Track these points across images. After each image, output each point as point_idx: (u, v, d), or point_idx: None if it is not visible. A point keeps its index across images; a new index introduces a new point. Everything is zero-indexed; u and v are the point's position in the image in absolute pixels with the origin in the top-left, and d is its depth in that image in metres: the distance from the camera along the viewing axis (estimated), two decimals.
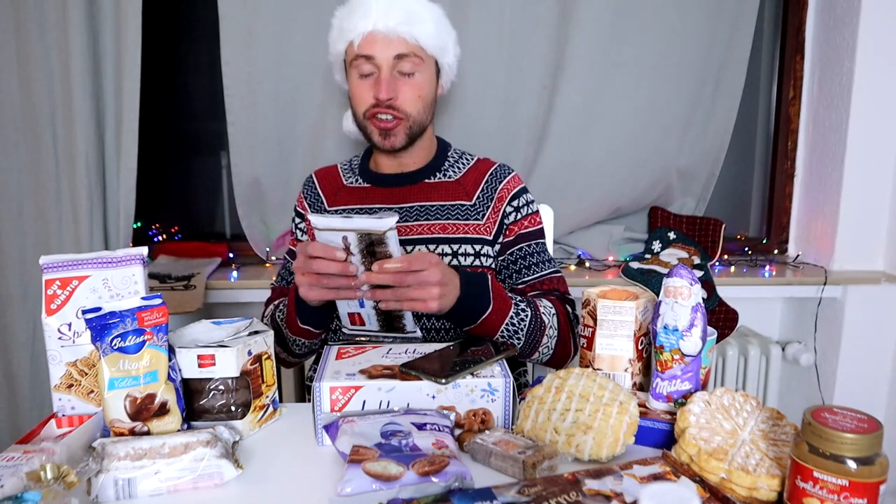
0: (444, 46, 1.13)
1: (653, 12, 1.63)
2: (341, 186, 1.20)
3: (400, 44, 1.06)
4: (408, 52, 1.07)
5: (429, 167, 1.17)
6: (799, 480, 0.57)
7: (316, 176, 1.25)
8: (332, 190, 1.21)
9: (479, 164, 1.20)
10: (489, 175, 1.17)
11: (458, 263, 1.10)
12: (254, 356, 0.81)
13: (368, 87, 1.08)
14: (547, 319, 1.03)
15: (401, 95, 1.08)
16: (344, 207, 1.17)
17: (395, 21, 1.05)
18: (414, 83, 1.09)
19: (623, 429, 0.72)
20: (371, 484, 0.62)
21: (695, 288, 0.80)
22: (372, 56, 1.06)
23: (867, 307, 1.73)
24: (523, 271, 1.13)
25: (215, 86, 1.63)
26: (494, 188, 1.16)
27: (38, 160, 1.57)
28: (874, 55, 1.64)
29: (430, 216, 1.12)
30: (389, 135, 1.10)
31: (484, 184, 1.16)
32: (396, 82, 1.08)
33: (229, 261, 1.77)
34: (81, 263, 0.80)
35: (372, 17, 1.05)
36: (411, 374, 0.79)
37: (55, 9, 1.49)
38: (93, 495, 0.65)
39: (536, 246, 1.16)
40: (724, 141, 1.77)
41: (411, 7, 1.07)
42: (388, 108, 1.08)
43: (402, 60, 1.07)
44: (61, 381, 0.79)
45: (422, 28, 1.07)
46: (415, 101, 1.10)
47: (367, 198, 1.17)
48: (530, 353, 1.03)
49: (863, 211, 1.72)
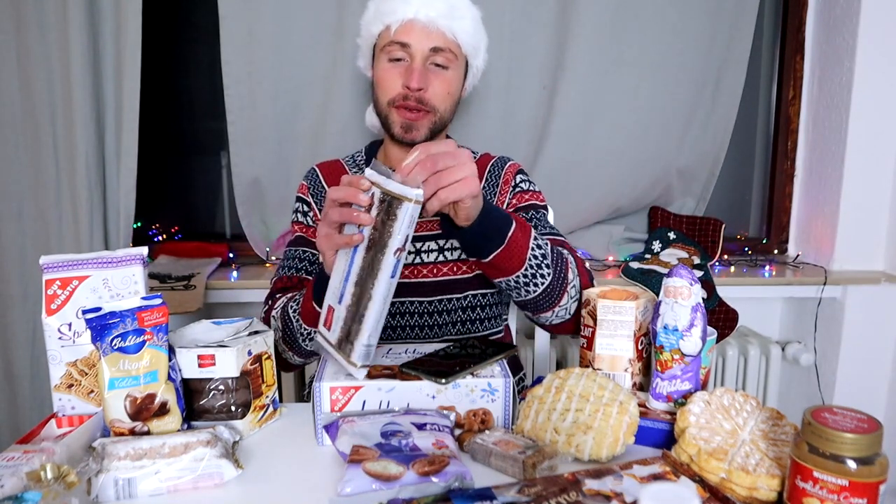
0: (477, 47, 1.12)
1: (653, 12, 1.63)
2: None
3: (438, 37, 1.04)
4: (444, 46, 1.05)
5: None
6: (799, 480, 0.57)
7: (319, 169, 1.21)
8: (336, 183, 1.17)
9: (481, 159, 1.20)
10: (491, 166, 1.17)
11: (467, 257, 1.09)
12: (254, 356, 0.81)
13: (398, 73, 1.05)
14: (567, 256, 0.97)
15: (431, 88, 1.05)
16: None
17: (437, 13, 1.03)
18: (445, 78, 1.07)
19: (623, 429, 0.72)
20: (371, 484, 0.62)
21: (695, 288, 0.80)
22: (408, 44, 1.04)
23: (867, 307, 1.73)
24: None
25: (215, 86, 1.63)
26: (498, 176, 1.16)
27: (38, 160, 1.57)
28: (874, 55, 1.64)
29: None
30: (412, 128, 1.07)
31: (487, 174, 1.16)
32: (428, 74, 1.05)
33: (229, 261, 1.77)
34: (81, 263, 0.80)
35: (414, 5, 1.03)
36: (411, 374, 0.79)
37: (55, 9, 1.49)
38: (93, 495, 0.65)
39: (539, 216, 1.13)
40: (724, 141, 1.77)
41: (454, 2, 1.05)
42: (416, 100, 1.05)
43: (437, 54, 1.05)
44: (61, 381, 0.79)
45: (461, 25, 1.06)
46: (444, 97, 1.07)
47: None
48: (561, 287, 0.94)
49: (863, 211, 1.72)
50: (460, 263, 1.10)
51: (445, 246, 1.10)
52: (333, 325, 0.79)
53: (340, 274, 0.80)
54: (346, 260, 0.79)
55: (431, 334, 1.10)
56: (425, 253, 1.10)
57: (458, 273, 1.10)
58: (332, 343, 0.78)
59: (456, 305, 1.10)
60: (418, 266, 1.10)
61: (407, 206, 0.71)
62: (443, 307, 1.10)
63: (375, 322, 0.74)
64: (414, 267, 1.10)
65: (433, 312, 1.10)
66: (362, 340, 0.74)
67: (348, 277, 0.78)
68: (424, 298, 1.09)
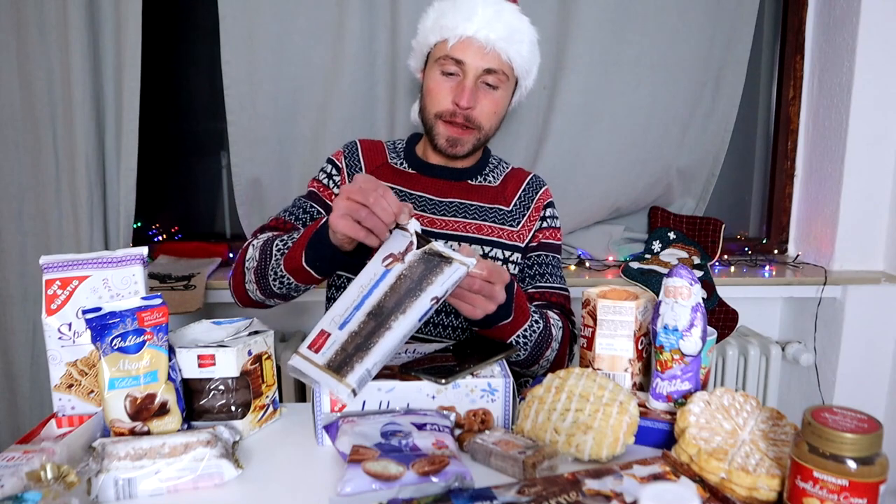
0: (529, 70, 1.13)
1: (653, 12, 1.63)
2: (385, 162, 1.18)
3: (493, 58, 1.06)
4: (498, 68, 1.06)
5: (473, 168, 1.18)
6: (799, 480, 0.57)
7: (360, 143, 1.20)
8: (374, 162, 1.18)
9: (515, 172, 1.23)
10: (527, 185, 1.20)
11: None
12: (254, 356, 0.81)
13: (449, 89, 1.07)
14: (554, 332, 1.04)
15: (479, 107, 1.07)
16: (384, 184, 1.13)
17: (497, 35, 1.04)
18: (494, 98, 1.09)
19: (623, 429, 0.72)
20: (371, 484, 0.62)
21: (695, 288, 0.80)
22: (463, 62, 1.05)
23: (867, 307, 1.73)
24: (536, 277, 1.15)
25: (215, 86, 1.63)
26: (532, 197, 1.19)
27: (38, 160, 1.57)
28: (874, 55, 1.64)
29: (468, 215, 1.13)
30: (457, 143, 1.10)
31: (522, 192, 1.19)
32: (478, 92, 1.07)
33: (229, 261, 1.77)
34: (81, 263, 0.80)
35: (475, 23, 1.03)
36: (411, 374, 0.79)
37: (55, 9, 1.49)
38: (93, 495, 0.65)
39: (553, 259, 1.18)
40: (724, 141, 1.77)
41: (515, 25, 1.06)
42: (464, 117, 1.07)
43: (490, 74, 1.06)
44: (61, 381, 0.79)
45: (518, 48, 1.07)
46: (490, 116, 1.10)
47: (409, 182, 1.16)
48: (531, 364, 1.03)
49: (863, 211, 1.72)
50: None
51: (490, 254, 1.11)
52: (325, 349, 0.76)
53: (349, 303, 0.78)
54: (361, 292, 0.79)
55: (435, 333, 1.10)
56: None
57: None
58: (318, 364, 0.75)
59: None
60: None
61: (459, 269, 0.78)
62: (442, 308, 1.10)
63: (385, 354, 0.73)
64: None
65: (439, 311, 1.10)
66: (366, 365, 0.72)
67: (359, 307, 0.77)
68: None
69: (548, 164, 1.68)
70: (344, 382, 0.71)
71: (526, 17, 1.11)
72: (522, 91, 1.18)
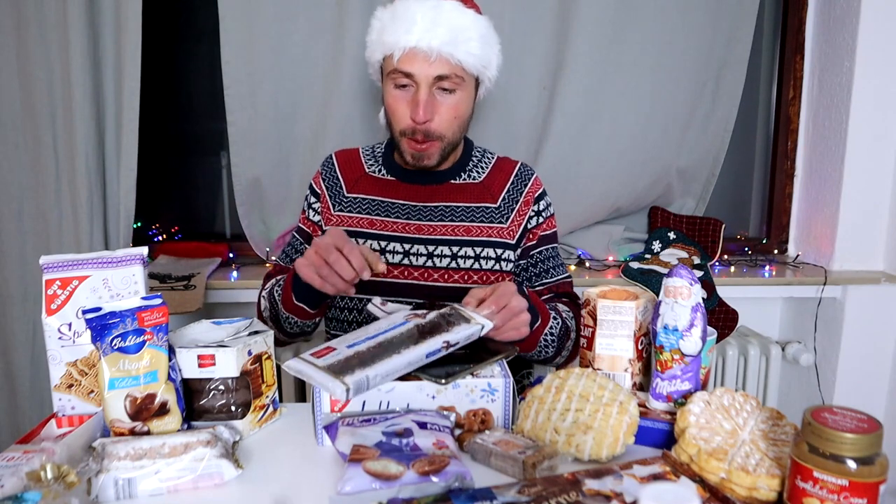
0: (487, 63, 1.09)
1: (653, 12, 1.63)
2: (363, 174, 1.18)
3: (442, 64, 1.02)
4: (449, 73, 1.02)
5: (455, 167, 1.16)
6: (799, 480, 0.57)
7: (336, 157, 1.21)
8: (353, 176, 1.18)
9: (501, 163, 1.20)
10: (514, 176, 1.17)
11: (480, 267, 1.10)
12: (254, 356, 0.81)
13: (406, 103, 1.05)
14: (570, 324, 1.06)
15: (437, 117, 1.05)
16: (364, 197, 1.15)
17: (440, 41, 0.99)
18: (451, 104, 1.06)
19: (623, 429, 0.72)
20: (371, 483, 0.62)
21: (695, 288, 0.80)
22: (411, 73, 1.03)
23: (867, 307, 1.73)
24: (542, 275, 1.15)
25: (215, 86, 1.63)
26: (521, 190, 1.16)
27: (38, 160, 1.57)
28: (874, 55, 1.64)
29: (455, 217, 1.12)
30: (422, 157, 1.08)
31: (510, 185, 1.16)
32: (434, 102, 1.04)
33: (229, 261, 1.77)
34: (81, 263, 0.80)
35: (415, 33, 0.99)
36: (411, 374, 0.79)
37: (55, 8, 1.49)
38: (93, 495, 0.65)
39: (553, 250, 1.18)
40: (724, 141, 1.77)
41: (457, 24, 1.01)
42: (423, 132, 1.05)
43: (443, 80, 1.03)
44: (61, 381, 0.79)
45: (466, 48, 1.03)
46: (450, 122, 1.07)
47: (389, 191, 1.15)
48: (553, 357, 1.05)
49: (863, 211, 1.72)
50: (472, 273, 1.10)
51: (459, 253, 1.11)
52: (327, 357, 0.78)
53: (362, 334, 0.83)
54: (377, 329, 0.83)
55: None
56: (437, 257, 1.10)
57: (469, 282, 1.10)
58: (318, 366, 0.76)
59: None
60: (430, 269, 1.10)
61: (475, 328, 0.83)
62: None
63: (388, 371, 0.75)
64: (426, 269, 1.10)
65: None
66: (367, 373, 0.74)
67: (371, 339, 0.81)
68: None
69: (548, 164, 1.68)
70: (340, 379, 0.72)
71: (471, 10, 1.05)
72: (487, 84, 1.14)
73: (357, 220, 1.13)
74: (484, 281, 1.10)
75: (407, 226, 1.11)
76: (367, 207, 1.14)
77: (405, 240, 1.11)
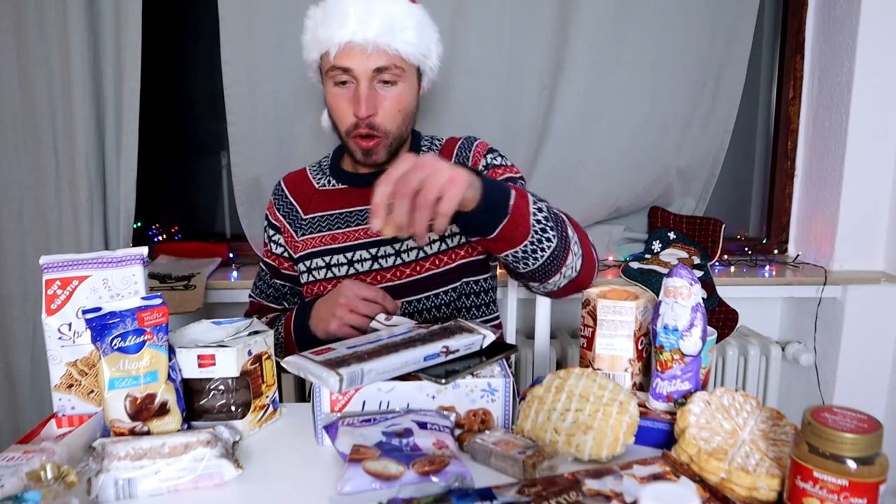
0: (426, 52, 1.07)
1: (653, 12, 1.63)
2: (314, 192, 1.18)
3: (379, 56, 1.00)
4: (388, 64, 1.01)
5: None
6: (799, 480, 0.57)
7: (284, 183, 1.21)
8: (304, 197, 1.18)
9: (447, 144, 1.17)
10: (458, 150, 1.15)
11: (448, 246, 1.10)
12: (254, 356, 0.81)
13: (347, 101, 1.03)
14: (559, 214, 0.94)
15: (381, 111, 1.03)
16: (321, 214, 1.15)
17: (375, 32, 0.98)
18: (394, 96, 1.04)
19: (623, 429, 0.72)
20: (371, 483, 0.62)
21: (695, 288, 0.80)
22: (349, 69, 1.01)
23: (867, 307, 1.73)
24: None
25: (215, 86, 1.63)
26: (466, 158, 1.14)
27: (38, 160, 1.57)
28: (874, 55, 1.64)
29: None
30: (371, 153, 1.06)
31: (454, 159, 1.14)
32: (376, 96, 1.03)
33: (229, 261, 1.77)
34: (81, 263, 0.80)
35: (349, 27, 0.98)
36: (411, 373, 0.79)
37: (55, 9, 1.49)
38: (93, 495, 0.65)
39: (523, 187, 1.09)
40: (724, 141, 1.77)
41: (391, 14, 1.00)
42: (368, 126, 1.03)
43: (382, 72, 1.02)
44: (61, 381, 0.79)
45: (402, 38, 1.01)
46: (394, 116, 1.05)
47: (344, 200, 1.14)
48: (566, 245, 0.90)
49: (863, 211, 1.72)
50: (441, 256, 1.10)
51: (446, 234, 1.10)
52: (325, 355, 0.79)
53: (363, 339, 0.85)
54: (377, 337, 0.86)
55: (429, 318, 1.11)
56: (405, 252, 1.10)
57: (441, 266, 1.10)
58: (314, 360, 0.77)
59: (446, 300, 1.11)
60: (400, 267, 1.10)
61: (477, 338, 0.84)
62: (431, 303, 1.10)
63: (384, 368, 0.76)
64: (396, 269, 1.10)
65: (422, 310, 1.10)
66: (362, 366, 0.74)
67: (371, 343, 0.83)
68: (413, 297, 1.10)
69: (548, 164, 1.68)
70: (334, 370, 0.73)
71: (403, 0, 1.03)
72: (430, 74, 1.11)
73: (320, 239, 1.13)
74: (454, 259, 1.10)
75: (369, 231, 1.10)
76: (327, 223, 1.14)
77: (370, 245, 1.10)
